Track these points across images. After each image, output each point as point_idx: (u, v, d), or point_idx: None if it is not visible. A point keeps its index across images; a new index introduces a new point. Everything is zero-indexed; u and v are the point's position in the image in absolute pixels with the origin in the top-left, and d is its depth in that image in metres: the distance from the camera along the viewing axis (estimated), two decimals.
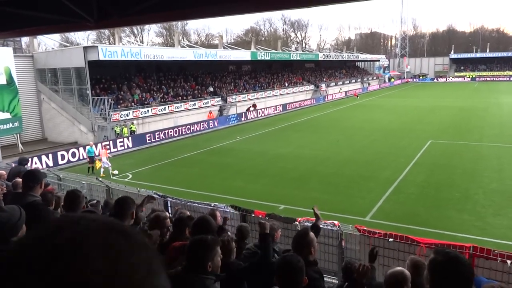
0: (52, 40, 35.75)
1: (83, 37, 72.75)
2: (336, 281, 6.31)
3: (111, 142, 23.21)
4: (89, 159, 19.37)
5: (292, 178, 16.65)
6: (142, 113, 29.16)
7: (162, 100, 32.40)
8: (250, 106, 38.66)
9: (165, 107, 31.15)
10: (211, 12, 5.63)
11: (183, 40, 53.22)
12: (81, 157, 21.08)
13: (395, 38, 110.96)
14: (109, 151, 20.20)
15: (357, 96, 54.69)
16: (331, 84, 58.87)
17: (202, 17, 6.37)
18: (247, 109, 37.73)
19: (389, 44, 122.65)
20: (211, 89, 38.64)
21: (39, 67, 28.68)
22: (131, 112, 28.27)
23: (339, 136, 25.51)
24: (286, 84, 50.09)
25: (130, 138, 24.95)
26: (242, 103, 38.91)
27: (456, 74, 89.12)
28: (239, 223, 7.73)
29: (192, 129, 29.51)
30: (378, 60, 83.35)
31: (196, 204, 8.37)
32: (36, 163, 19.06)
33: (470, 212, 12.23)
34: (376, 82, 76.60)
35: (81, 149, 21.41)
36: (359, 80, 70.81)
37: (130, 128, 26.57)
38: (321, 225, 4.70)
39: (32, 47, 29.99)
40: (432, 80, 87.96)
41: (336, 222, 7.07)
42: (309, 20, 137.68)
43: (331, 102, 50.62)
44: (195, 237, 3.03)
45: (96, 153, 20.13)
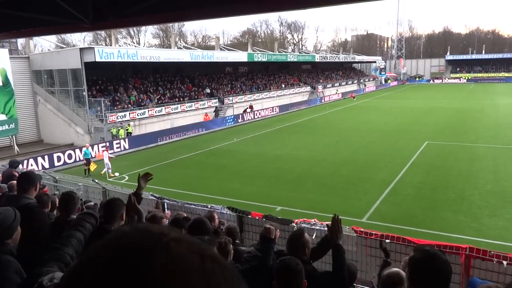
0: (48, 42, 35.53)
1: (79, 38, 72.49)
2: None
3: (108, 143, 23.14)
4: (85, 161, 19.31)
5: (288, 179, 16.66)
6: (139, 114, 29.10)
7: (158, 102, 32.34)
8: (247, 107, 38.70)
9: (161, 109, 31.10)
10: (209, 13, 5.62)
11: (180, 42, 53.13)
12: (78, 159, 21.00)
13: (391, 39, 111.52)
14: (111, 151, 20.06)
15: (353, 98, 54.82)
16: (327, 86, 58.98)
17: (200, 18, 6.36)
18: (244, 111, 37.75)
19: (385, 46, 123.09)
20: (208, 90, 38.62)
21: (35, 68, 28.56)
22: (127, 113, 28.20)
23: (336, 138, 25.53)
24: (283, 85, 50.15)
25: (126, 139, 24.89)
26: (239, 105, 38.91)
27: (452, 75, 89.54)
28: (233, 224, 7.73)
29: (189, 131, 29.48)
30: (375, 62, 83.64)
31: (193, 206, 8.34)
32: (32, 165, 18.98)
33: (466, 213, 12.28)
34: (373, 84, 76.82)
35: (77, 150, 21.34)
36: (355, 81, 71.01)
37: (127, 129, 26.50)
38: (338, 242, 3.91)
39: (28, 49, 29.86)
40: (428, 81, 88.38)
41: None
42: (305, 22, 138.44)
43: (328, 103, 50.70)
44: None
45: (92, 155, 20.06)
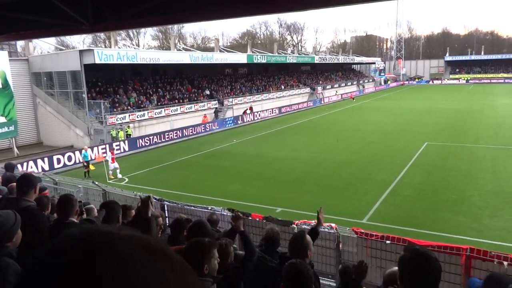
0: (47, 44, 35.64)
1: (78, 40, 72.58)
2: (333, 284, 6.30)
3: (107, 145, 23.14)
4: (85, 164, 19.27)
5: (288, 180, 16.65)
6: (138, 116, 29.10)
7: (158, 104, 32.35)
8: (246, 108, 38.71)
9: (161, 110, 31.10)
10: (207, 15, 5.62)
11: (179, 43, 53.25)
12: (77, 161, 20.97)
13: (391, 40, 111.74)
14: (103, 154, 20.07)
15: (353, 99, 54.86)
16: (327, 87, 59.03)
17: (199, 20, 6.37)
18: (243, 112, 37.76)
19: (385, 47, 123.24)
20: (208, 92, 38.63)
21: (34, 70, 28.56)
22: (127, 115, 28.20)
23: (335, 138, 25.54)
24: (283, 87, 50.18)
25: (126, 141, 24.88)
26: (238, 106, 38.92)
27: (451, 76, 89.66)
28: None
29: (189, 132, 29.49)
30: (374, 63, 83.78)
31: (193, 208, 8.34)
32: (31, 167, 18.97)
33: (466, 214, 12.27)
34: (372, 85, 76.90)
35: (77, 152, 21.31)
36: (355, 82, 71.08)
37: (126, 131, 26.49)
38: (320, 230, 4.69)
39: (28, 51, 29.89)
40: (428, 82, 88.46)
41: (333, 224, 7.07)
42: (305, 23, 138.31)
43: (327, 104, 50.73)
44: (192, 239, 3.02)
45: (91, 157, 20.02)
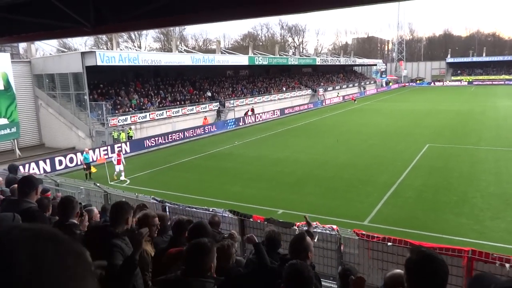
0: (49, 46, 35.80)
1: (80, 42, 72.65)
2: (334, 286, 6.28)
3: (109, 147, 23.18)
4: (85, 166, 19.29)
5: (290, 182, 16.64)
6: (140, 118, 29.14)
7: (160, 105, 32.40)
8: (248, 110, 38.72)
9: (163, 112, 31.15)
10: (208, 17, 5.64)
11: (181, 45, 53.35)
12: (79, 163, 21.00)
13: (392, 42, 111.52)
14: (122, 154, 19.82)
15: (354, 101, 54.82)
16: (328, 89, 59.04)
17: (199, 22, 6.39)
18: (245, 114, 37.78)
19: (386, 49, 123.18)
20: (209, 94, 38.68)
21: (36, 72, 28.65)
22: (129, 117, 28.25)
23: (336, 139, 25.53)
24: (284, 88, 50.19)
25: (128, 143, 24.91)
26: (240, 108, 38.95)
27: (453, 78, 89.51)
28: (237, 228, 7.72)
29: (190, 134, 29.52)
30: (375, 65, 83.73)
31: (194, 209, 8.33)
32: (33, 169, 19.00)
33: (468, 216, 12.24)
34: (374, 86, 76.86)
35: (79, 154, 21.34)
36: (356, 84, 71.07)
37: (128, 133, 26.52)
38: (313, 230, 4.69)
39: (30, 53, 29.97)
40: (429, 84, 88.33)
41: (334, 226, 7.05)
42: (306, 25, 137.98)
43: (329, 106, 50.71)
44: (193, 241, 3.02)
45: (92, 159, 20.03)
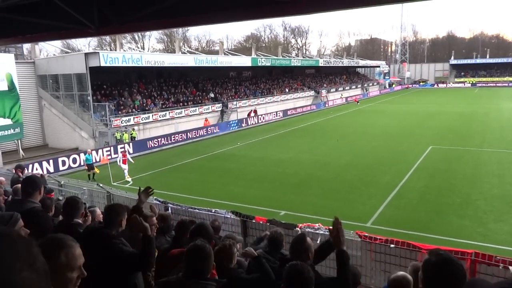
0: (53, 47, 35.87)
1: (84, 43, 73.06)
2: None
3: (112, 148, 23.25)
4: (87, 167, 19.32)
5: (292, 183, 16.62)
6: (143, 119, 29.22)
7: (163, 106, 32.48)
8: (251, 110, 38.73)
9: (165, 113, 31.22)
10: (210, 19, 5.65)
11: (184, 47, 53.41)
12: (82, 163, 21.06)
13: (395, 44, 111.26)
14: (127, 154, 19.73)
15: (357, 102, 54.75)
16: (331, 90, 58.98)
17: (202, 24, 6.40)
18: (248, 114, 37.80)
19: (389, 50, 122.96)
20: (212, 95, 38.73)
21: (40, 73, 28.79)
22: (132, 118, 28.33)
23: (339, 140, 25.50)
24: (287, 90, 50.19)
25: (131, 143, 24.97)
26: (242, 109, 38.98)
27: (456, 80, 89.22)
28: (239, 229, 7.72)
29: (193, 135, 29.56)
30: (378, 66, 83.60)
31: (197, 210, 8.34)
32: (37, 169, 19.07)
33: (471, 218, 12.19)
34: (377, 88, 76.72)
35: (82, 155, 21.41)
36: (359, 86, 70.97)
37: (131, 134, 26.58)
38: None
39: (34, 54, 30.12)
40: (433, 86, 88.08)
41: None
42: (309, 27, 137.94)
43: (332, 108, 50.66)
44: (191, 244, 2.99)
45: (95, 160, 20.08)
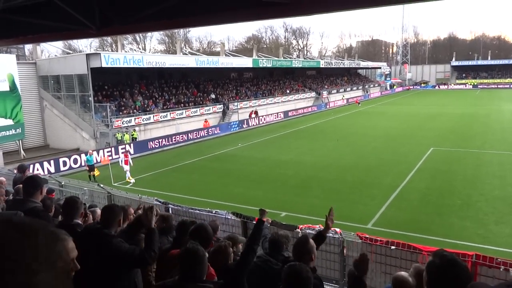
0: (55, 48, 35.90)
1: (85, 44, 73.11)
2: None
3: (113, 148, 23.28)
4: (88, 168, 19.34)
5: (293, 184, 16.62)
6: (144, 119, 29.24)
7: (164, 107, 32.50)
8: (252, 111, 38.73)
9: (167, 114, 31.24)
10: (211, 20, 5.66)
11: (185, 48, 53.42)
12: (83, 164, 21.09)
13: (396, 45, 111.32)
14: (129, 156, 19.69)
15: (358, 103, 54.74)
16: (332, 91, 58.97)
17: (202, 25, 6.41)
18: (249, 114, 37.80)
19: (391, 52, 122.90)
20: (213, 96, 38.75)
21: (42, 74, 28.85)
22: (133, 118, 28.36)
23: (340, 141, 25.49)
24: (288, 91, 50.20)
25: (132, 144, 24.99)
26: (243, 110, 38.99)
27: (457, 81, 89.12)
28: (239, 230, 7.71)
29: (194, 136, 29.58)
30: (380, 68, 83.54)
31: (198, 211, 8.33)
32: (38, 169, 19.10)
33: (472, 220, 12.17)
34: (378, 89, 76.66)
35: (83, 155, 21.44)
36: (360, 87, 70.94)
37: (132, 135, 26.61)
38: (327, 235, 4.62)
39: (35, 54, 30.18)
40: (434, 87, 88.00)
41: (338, 229, 7.02)
42: (310, 28, 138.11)
43: (333, 109, 50.65)
44: (183, 248, 2.97)
45: (97, 160, 20.09)
